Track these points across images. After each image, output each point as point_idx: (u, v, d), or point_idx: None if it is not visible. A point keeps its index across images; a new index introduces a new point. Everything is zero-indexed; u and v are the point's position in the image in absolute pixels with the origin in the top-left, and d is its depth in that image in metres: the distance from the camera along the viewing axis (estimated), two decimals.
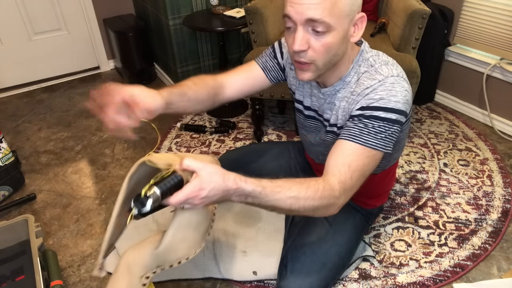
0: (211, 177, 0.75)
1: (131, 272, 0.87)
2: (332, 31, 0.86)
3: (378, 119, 0.90)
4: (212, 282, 1.36)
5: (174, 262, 0.87)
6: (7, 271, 1.27)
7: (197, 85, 1.04)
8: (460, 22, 2.16)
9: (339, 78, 1.01)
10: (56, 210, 1.72)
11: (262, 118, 2.11)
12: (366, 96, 0.93)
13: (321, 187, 0.85)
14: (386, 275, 1.35)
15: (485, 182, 1.76)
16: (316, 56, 0.90)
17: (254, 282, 1.34)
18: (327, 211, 0.89)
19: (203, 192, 0.75)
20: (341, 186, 0.87)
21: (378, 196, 1.34)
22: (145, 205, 0.72)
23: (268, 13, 1.83)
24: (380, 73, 0.94)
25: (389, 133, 0.91)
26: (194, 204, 0.76)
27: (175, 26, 2.32)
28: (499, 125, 2.13)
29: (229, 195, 0.78)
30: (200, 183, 0.74)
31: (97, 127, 2.32)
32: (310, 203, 0.84)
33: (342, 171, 0.88)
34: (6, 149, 1.73)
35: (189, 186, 0.74)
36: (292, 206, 0.83)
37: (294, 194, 0.83)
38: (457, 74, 2.27)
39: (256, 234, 1.50)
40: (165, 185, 0.75)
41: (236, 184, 0.78)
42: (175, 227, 0.85)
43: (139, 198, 0.73)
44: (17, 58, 2.71)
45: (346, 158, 0.89)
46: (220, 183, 0.76)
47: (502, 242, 1.47)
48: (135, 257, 0.88)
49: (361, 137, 0.90)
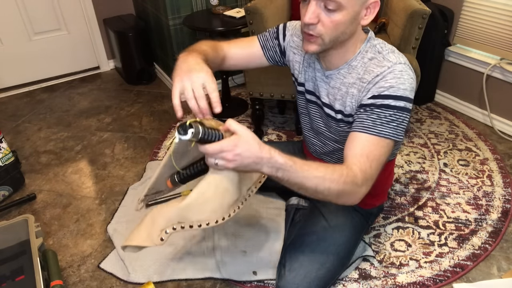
0: (248, 140, 0.79)
1: (154, 223, 0.90)
2: (342, 10, 0.90)
3: (389, 107, 0.93)
4: (212, 282, 1.36)
5: (194, 223, 0.89)
6: (7, 271, 1.27)
7: (215, 52, 1.10)
8: (460, 22, 2.16)
9: (345, 61, 1.03)
10: (56, 210, 1.72)
11: (262, 118, 2.12)
12: (376, 84, 0.95)
13: (345, 172, 0.88)
14: (386, 275, 1.35)
15: (485, 182, 1.76)
16: (324, 31, 0.93)
17: (254, 282, 1.34)
18: (349, 198, 0.92)
19: (238, 149, 0.77)
20: (363, 174, 0.90)
21: (377, 195, 1.34)
22: (186, 132, 0.75)
23: (268, 13, 1.82)
24: (388, 59, 0.97)
25: (400, 120, 0.94)
26: (227, 159, 0.78)
27: (175, 26, 2.32)
28: (499, 125, 2.13)
29: (261, 163, 0.80)
30: (237, 140, 0.78)
31: (97, 127, 2.32)
32: (335, 187, 0.86)
33: (361, 161, 0.91)
34: (6, 149, 1.73)
35: (227, 139, 0.78)
36: (318, 186, 0.86)
37: (321, 175, 0.85)
38: (457, 74, 2.27)
39: (256, 234, 1.50)
40: (209, 131, 0.78)
41: (270, 154, 0.80)
42: (203, 186, 0.88)
43: (183, 125, 0.76)
44: (17, 58, 2.71)
45: (364, 150, 0.93)
46: (256, 148, 0.79)
47: (502, 242, 1.47)
48: (160, 210, 0.92)
49: (375, 128, 0.93)
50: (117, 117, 2.41)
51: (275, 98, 1.98)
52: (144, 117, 2.40)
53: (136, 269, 1.38)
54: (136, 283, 1.35)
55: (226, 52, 1.17)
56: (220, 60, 1.14)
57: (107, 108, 2.52)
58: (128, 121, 2.36)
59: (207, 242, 1.48)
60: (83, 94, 2.72)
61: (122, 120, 2.38)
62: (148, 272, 1.38)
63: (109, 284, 1.37)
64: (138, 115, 2.43)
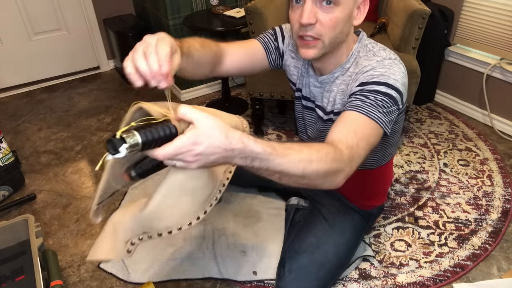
0: (211, 131, 0.60)
1: (116, 235, 0.76)
2: (339, 5, 0.88)
3: (379, 93, 0.88)
4: (212, 282, 1.36)
5: (163, 231, 0.77)
6: (7, 271, 1.27)
7: (203, 47, 0.96)
8: (460, 22, 2.16)
9: (338, 65, 1.01)
10: (56, 210, 1.72)
11: (262, 118, 2.12)
12: (365, 73, 0.93)
13: (331, 150, 0.76)
14: (386, 275, 1.35)
15: (485, 182, 1.76)
16: (323, 30, 0.90)
17: (254, 282, 1.34)
18: (336, 178, 0.78)
19: (198, 148, 0.60)
20: (349, 151, 0.79)
21: (375, 197, 1.34)
22: (117, 149, 0.56)
23: (268, 13, 1.82)
24: (378, 55, 0.96)
25: (389, 110, 0.89)
26: (186, 161, 0.61)
27: (175, 26, 2.32)
28: (499, 125, 2.13)
29: (232, 156, 0.64)
30: (195, 136, 0.59)
31: (97, 127, 2.32)
32: (322, 167, 0.73)
33: (348, 137, 0.82)
34: (6, 149, 1.73)
35: (182, 138, 0.60)
36: (305, 170, 0.71)
37: (306, 156, 0.72)
38: (457, 74, 2.27)
39: (256, 234, 1.50)
40: (151, 132, 0.60)
41: (243, 143, 0.63)
42: (165, 189, 0.73)
43: (112, 140, 0.57)
44: (17, 58, 2.71)
45: (352, 126, 0.84)
46: (221, 140, 0.61)
47: (502, 242, 1.47)
48: (121, 218, 0.78)
49: (364, 108, 0.87)
50: (117, 117, 2.41)
51: (275, 98, 1.98)
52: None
53: (136, 269, 1.38)
54: (136, 283, 1.35)
55: (223, 49, 1.05)
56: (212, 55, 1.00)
57: (107, 108, 2.52)
58: None
59: (207, 242, 1.48)
60: (83, 94, 2.72)
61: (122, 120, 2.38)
62: (148, 272, 1.38)
63: (109, 284, 1.37)
64: None
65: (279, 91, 1.93)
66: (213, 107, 2.76)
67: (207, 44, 0.99)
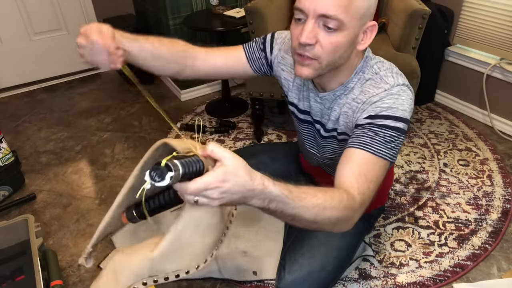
0: (238, 170, 0.62)
1: (117, 280, 0.73)
2: (343, 30, 0.83)
3: (388, 128, 0.87)
4: (212, 282, 1.36)
5: (170, 274, 0.75)
6: (7, 271, 1.28)
7: (164, 45, 1.02)
8: (460, 22, 2.16)
9: (340, 83, 0.98)
10: (56, 210, 1.72)
11: (262, 118, 2.11)
12: (373, 104, 0.89)
13: (345, 196, 0.77)
14: (386, 275, 1.35)
15: (485, 182, 1.76)
16: (322, 53, 0.86)
17: (254, 282, 1.34)
18: (345, 225, 0.81)
19: (226, 185, 0.61)
20: (361, 197, 0.80)
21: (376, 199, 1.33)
22: (164, 177, 0.57)
23: (268, 13, 1.82)
24: (385, 81, 0.92)
25: (397, 142, 0.88)
26: (211, 198, 0.62)
27: (175, 26, 2.32)
28: (499, 125, 2.13)
29: (251, 196, 0.65)
30: (225, 174, 0.61)
31: (97, 127, 2.32)
32: (335, 214, 0.75)
33: (360, 181, 0.81)
34: (6, 149, 1.73)
35: (211, 174, 0.60)
36: (317, 216, 0.73)
37: (320, 202, 0.72)
38: (457, 74, 2.27)
39: (256, 234, 1.50)
40: (189, 165, 0.60)
41: (263, 185, 0.65)
42: (181, 227, 0.71)
43: (159, 167, 0.57)
44: (17, 58, 2.71)
45: (362, 168, 0.84)
46: (246, 179, 0.62)
47: (502, 242, 1.47)
48: (124, 261, 0.75)
49: (373, 146, 0.86)
50: (117, 117, 2.41)
51: (275, 98, 1.98)
52: (144, 117, 2.40)
53: None
54: None
55: (197, 53, 1.07)
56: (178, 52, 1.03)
57: (107, 108, 2.52)
58: (128, 121, 2.36)
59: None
60: (83, 94, 2.72)
61: (122, 120, 2.38)
62: None
63: None
64: (138, 115, 2.43)
65: (279, 91, 1.93)
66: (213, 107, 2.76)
67: (174, 43, 1.04)
